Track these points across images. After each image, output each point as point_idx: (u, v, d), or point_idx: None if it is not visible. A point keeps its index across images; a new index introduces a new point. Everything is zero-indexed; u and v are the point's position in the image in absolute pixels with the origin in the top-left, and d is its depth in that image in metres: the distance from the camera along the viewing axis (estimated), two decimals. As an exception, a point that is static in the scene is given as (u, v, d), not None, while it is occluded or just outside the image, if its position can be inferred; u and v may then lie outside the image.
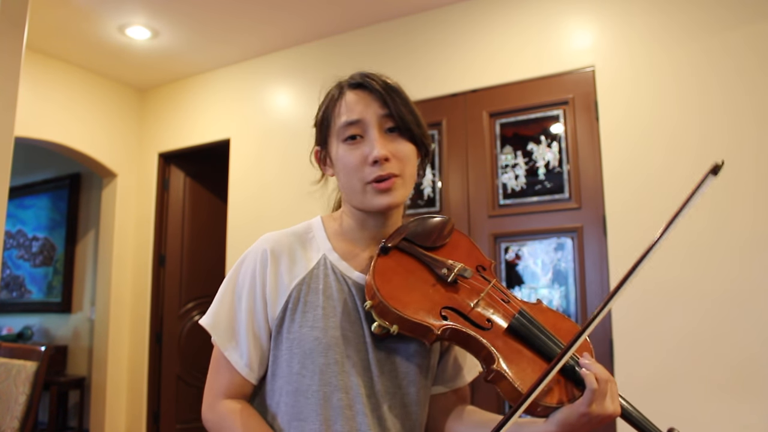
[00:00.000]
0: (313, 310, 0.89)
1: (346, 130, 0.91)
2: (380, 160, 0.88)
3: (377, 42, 3.35)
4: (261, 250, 0.93)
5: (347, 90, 0.93)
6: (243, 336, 0.91)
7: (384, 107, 0.90)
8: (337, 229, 0.98)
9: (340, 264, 0.94)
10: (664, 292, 2.41)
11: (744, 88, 2.39)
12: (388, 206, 0.90)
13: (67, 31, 3.48)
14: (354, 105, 0.91)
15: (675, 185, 2.46)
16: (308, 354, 0.88)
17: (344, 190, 0.94)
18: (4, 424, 1.88)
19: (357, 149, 0.90)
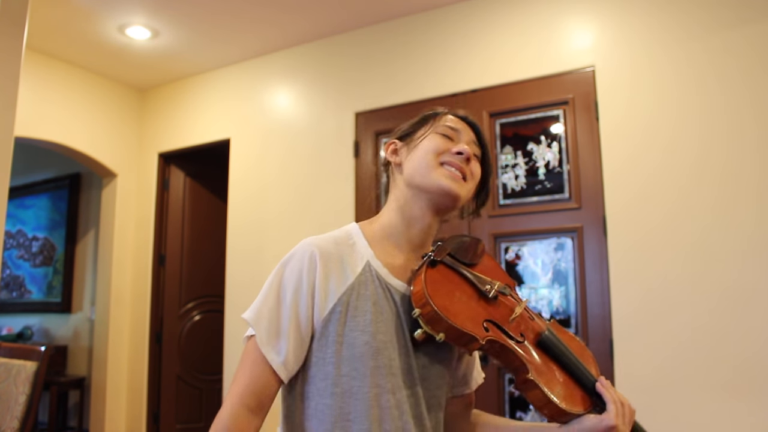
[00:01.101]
0: (362, 315, 0.92)
1: (448, 130, 1.02)
2: (466, 153, 0.98)
3: (377, 42, 3.35)
4: (309, 252, 0.94)
5: (449, 115, 1.06)
6: (284, 334, 0.91)
7: (477, 140, 1.04)
8: (376, 231, 1.02)
9: (381, 271, 0.97)
10: (665, 292, 2.41)
11: (745, 87, 2.39)
12: (450, 189, 0.97)
13: (67, 31, 3.48)
14: (456, 124, 1.04)
15: (675, 185, 2.46)
16: (359, 357, 0.90)
17: (411, 169, 1.00)
18: (4, 424, 1.87)
19: (446, 141, 1.01)
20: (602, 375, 1.01)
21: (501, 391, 2.72)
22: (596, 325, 2.56)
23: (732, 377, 2.26)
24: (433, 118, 1.05)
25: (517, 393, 2.69)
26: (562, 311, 2.67)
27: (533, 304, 2.73)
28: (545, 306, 2.70)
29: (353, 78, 3.38)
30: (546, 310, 2.69)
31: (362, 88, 3.32)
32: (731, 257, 2.32)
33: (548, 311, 2.69)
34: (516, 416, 2.67)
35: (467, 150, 0.98)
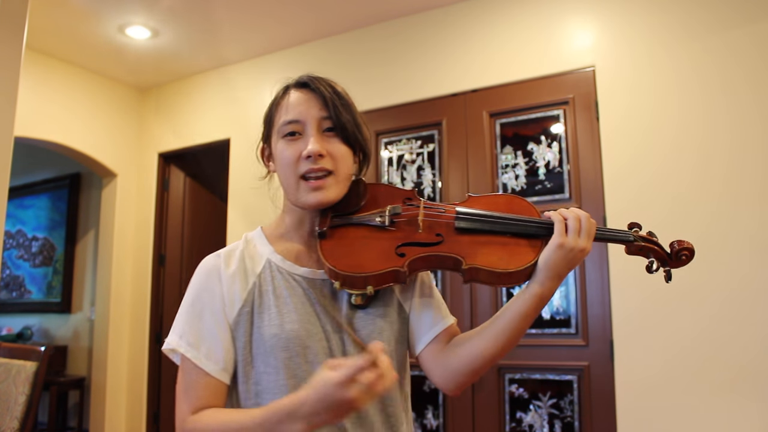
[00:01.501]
0: (267, 311, 0.93)
1: (286, 127, 0.96)
2: (313, 155, 0.93)
3: (377, 42, 3.35)
4: (207, 266, 0.97)
5: (292, 90, 1.00)
6: (210, 340, 0.92)
7: (324, 109, 0.96)
8: (276, 231, 1.03)
9: (284, 264, 0.98)
10: (665, 292, 2.41)
11: (747, 86, 2.39)
12: (319, 203, 0.95)
13: (67, 31, 3.48)
14: (296, 105, 0.97)
15: (676, 185, 2.46)
16: (270, 351, 0.91)
17: (283, 185, 1.00)
18: (4, 425, 1.87)
19: (294, 144, 0.96)
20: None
21: (501, 391, 2.72)
22: (596, 325, 2.56)
23: (732, 378, 2.26)
24: (275, 109, 1.00)
25: (517, 393, 2.69)
26: (562, 311, 2.67)
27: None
28: (545, 306, 2.69)
29: (353, 78, 3.37)
30: (546, 310, 2.69)
31: (362, 88, 3.32)
32: (733, 258, 2.32)
33: (548, 311, 2.69)
34: (516, 416, 2.67)
35: (314, 150, 0.93)
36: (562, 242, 0.91)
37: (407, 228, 0.97)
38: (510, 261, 0.93)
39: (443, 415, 2.84)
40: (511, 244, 0.95)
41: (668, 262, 1.03)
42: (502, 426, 2.69)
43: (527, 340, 2.70)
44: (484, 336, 0.96)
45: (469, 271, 0.92)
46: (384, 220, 0.97)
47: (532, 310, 0.93)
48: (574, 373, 2.59)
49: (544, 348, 2.67)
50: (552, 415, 2.61)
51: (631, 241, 1.00)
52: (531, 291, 0.93)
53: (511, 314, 0.94)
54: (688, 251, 1.02)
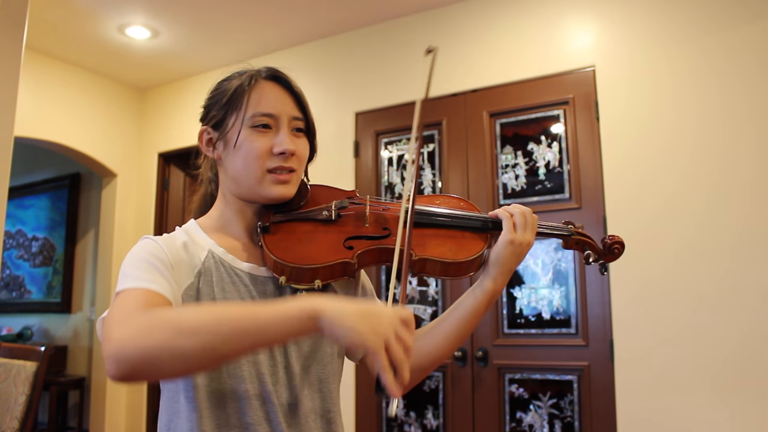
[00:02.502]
0: (209, 299, 0.87)
1: (260, 119, 0.92)
2: (287, 153, 0.92)
3: (377, 42, 3.35)
4: (149, 240, 0.88)
5: (262, 80, 0.95)
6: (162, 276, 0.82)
7: (296, 109, 0.96)
8: (213, 224, 0.97)
9: (226, 257, 0.92)
10: (665, 292, 2.41)
11: (740, 86, 2.39)
12: (280, 197, 0.93)
13: (67, 31, 3.48)
14: (272, 99, 0.94)
15: (676, 185, 2.46)
16: None
17: (235, 175, 0.94)
18: (4, 425, 1.87)
19: (265, 137, 0.92)
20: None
21: (501, 391, 2.72)
22: (596, 325, 2.56)
23: (732, 377, 2.26)
24: (242, 95, 0.93)
25: (517, 393, 2.69)
26: (562, 311, 2.67)
27: (533, 304, 2.72)
28: (545, 306, 2.70)
29: (353, 78, 3.38)
30: (546, 310, 2.69)
31: (362, 88, 3.32)
32: (733, 257, 2.32)
33: (548, 311, 2.69)
34: (516, 416, 2.67)
35: (290, 149, 0.91)
36: (512, 238, 0.95)
37: (354, 222, 0.97)
38: (459, 252, 0.95)
39: (443, 415, 2.84)
40: (458, 237, 0.98)
41: (602, 255, 1.07)
42: (502, 426, 2.69)
43: (527, 340, 2.70)
44: (434, 335, 0.97)
45: (419, 263, 0.93)
46: (330, 213, 0.96)
47: (483, 306, 0.95)
48: (574, 373, 2.59)
49: (544, 348, 2.67)
50: (552, 415, 2.61)
51: (567, 236, 1.05)
52: (483, 287, 0.95)
53: (463, 312, 0.95)
54: (620, 245, 1.06)
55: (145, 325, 0.66)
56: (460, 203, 1.05)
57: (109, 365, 0.65)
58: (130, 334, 0.65)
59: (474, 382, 2.77)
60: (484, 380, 2.75)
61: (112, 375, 0.65)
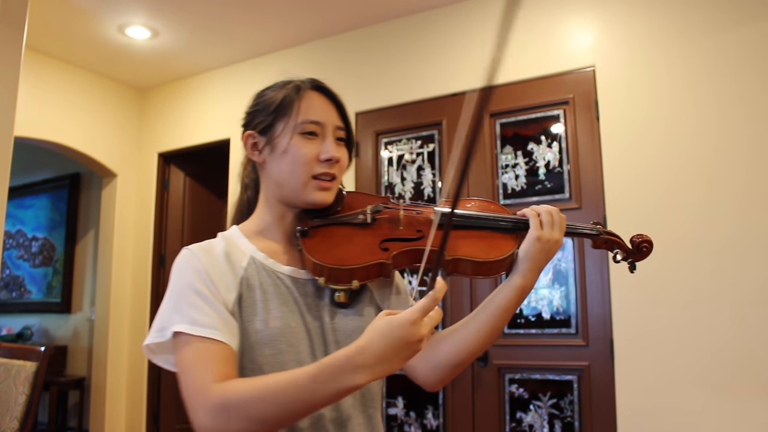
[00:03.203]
0: (252, 305, 0.91)
1: (309, 126, 0.97)
2: (334, 160, 0.97)
3: (377, 42, 3.35)
4: (189, 254, 0.92)
5: (309, 90, 1.00)
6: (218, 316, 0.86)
7: (341, 120, 1.00)
8: (254, 229, 1.02)
9: (267, 261, 0.97)
10: (665, 292, 2.41)
11: (736, 87, 2.39)
12: (323, 202, 0.97)
13: (67, 31, 3.48)
14: (320, 108, 0.99)
15: (676, 185, 2.46)
16: (254, 347, 0.89)
17: (280, 179, 0.98)
18: (4, 425, 1.87)
19: (312, 143, 0.97)
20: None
21: (501, 391, 2.72)
22: (596, 325, 2.56)
23: (733, 377, 2.26)
24: (291, 103, 0.98)
25: (517, 393, 2.69)
26: (562, 311, 2.67)
27: (533, 304, 2.72)
28: (545, 306, 2.70)
29: (353, 78, 3.38)
30: (546, 310, 2.69)
31: (362, 88, 3.32)
32: (733, 256, 2.32)
33: (548, 311, 2.69)
34: (516, 416, 2.67)
35: (337, 156, 0.96)
36: (539, 235, 0.97)
37: (388, 225, 1.00)
38: (490, 252, 0.98)
39: (443, 415, 2.84)
40: (488, 238, 1.00)
41: (630, 254, 1.10)
42: (502, 426, 2.69)
43: (527, 340, 2.70)
44: (466, 330, 0.98)
45: (452, 263, 0.96)
46: (366, 217, 0.99)
47: (513, 302, 0.97)
48: (574, 373, 2.59)
49: (544, 348, 2.67)
50: (552, 415, 2.61)
51: (596, 235, 1.08)
52: (513, 283, 0.97)
53: (494, 307, 0.97)
54: (648, 243, 1.10)
55: (222, 415, 0.76)
56: (491, 206, 1.08)
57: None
58: (211, 424, 0.77)
59: (474, 382, 2.77)
60: (484, 380, 2.75)
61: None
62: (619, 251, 1.09)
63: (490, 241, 1.00)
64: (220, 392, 0.78)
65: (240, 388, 0.78)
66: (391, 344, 0.72)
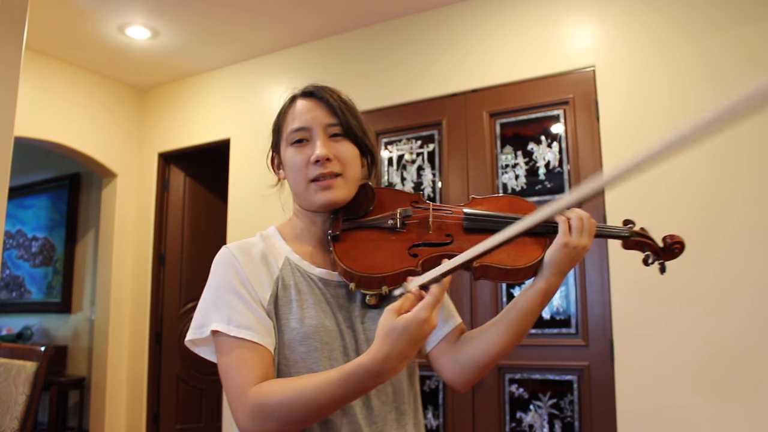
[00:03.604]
0: (288, 304, 0.95)
1: (294, 134, 1.00)
2: (321, 160, 0.96)
3: (377, 42, 3.35)
4: (228, 253, 0.97)
5: (298, 99, 1.03)
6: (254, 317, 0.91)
7: (331, 116, 1.00)
8: (290, 232, 1.06)
9: (301, 263, 1.00)
10: (665, 292, 2.41)
11: (737, 87, 2.39)
12: (328, 202, 0.98)
13: (67, 31, 3.48)
14: (303, 113, 1.00)
15: (676, 185, 2.46)
16: (288, 344, 0.92)
17: (293, 190, 1.03)
18: (4, 425, 1.87)
19: (303, 150, 0.99)
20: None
21: (501, 391, 2.72)
22: (596, 325, 2.56)
23: (733, 377, 2.26)
24: (282, 117, 1.04)
25: (517, 393, 2.69)
26: (562, 311, 2.67)
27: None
28: (549, 302, 2.69)
29: (353, 78, 3.38)
30: (546, 310, 2.69)
31: (362, 88, 3.32)
32: (733, 256, 2.32)
33: (548, 311, 2.69)
34: (516, 416, 2.67)
35: (321, 154, 0.96)
36: (567, 241, 0.96)
37: (418, 229, 1.00)
38: (518, 258, 0.96)
39: (443, 415, 2.84)
40: (517, 242, 0.98)
41: (662, 255, 1.08)
42: (502, 426, 2.69)
43: (527, 340, 2.70)
44: (493, 332, 1.00)
45: (480, 269, 0.96)
46: (395, 222, 0.99)
47: (537, 305, 0.97)
48: (574, 373, 2.59)
49: (544, 348, 2.67)
50: (552, 415, 2.61)
51: (627, 237, 1.06)
52: (537, 287, 0.97)
53: (519, 310, 0.98)
54: (680, 244, 1.08)
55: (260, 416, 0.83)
56: (517, 202, 1.06)
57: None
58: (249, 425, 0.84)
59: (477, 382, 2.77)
60: (484, 380, 2.75)
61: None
62: (651, 253, 1.07)
63: (520, 246, 0.98)
64: (257, 396, 0.84)
65: (273, 391, 0.84)
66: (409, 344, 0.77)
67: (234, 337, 0.89)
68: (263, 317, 0.92)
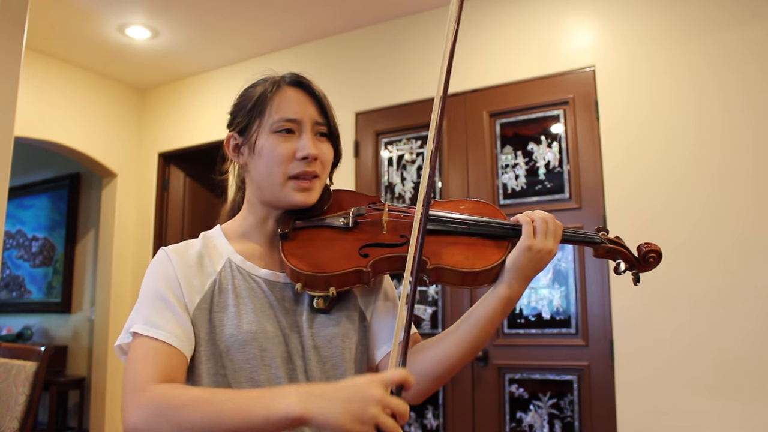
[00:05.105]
0: (224, 310, 0.89)
1: (283, 124, 0.93)
2: (311, 158, 0.92)
3: (377, 42, 3.35)
4: (163, 255, 0.92)
5: (285, 86, 0.96)
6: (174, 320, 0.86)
7: (320, 115, 0.96)
8: (236, 231, 0.99)
9: (245, 265, 0.94)
10: (665, 291, 2.41)
11: (740, 85, 2.39)
12: (302, 204, 0.94)
13: (67, 31, 3.48)
14: (294, 103, 0.94)
15: (676, 185, 2.46)
16: (225, 352, 0.87)
17: (258, 180, 0.95)
18: (4, 425, 1.87)
19: (288, 142, 0.93)
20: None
21: (501, 391, 2.72)
22: (596, 325, 2.56)
23: (733, 377, 2.26)
24: (265, 101, 0.95)
25: (517, 393, 2.69)
26: (562, 311, 2.66)
27: (533, 304, 2.72)
28: (545, 306, 2.69)
29: (353, 78, 3.38)
30: (546, 310, 2.69)
31: (362, 88, 3.32)
32: (732, 257, 2.32)
33: (548, 311, 2.69)
34: (516, 416, 2.67)
35: (313, 154, 0.92)
36: (531, 244, 0.91)
37: (371, 229, 0.96)
38: (476, 261, 0.92)
39: (443, 415, 2.84)
40: (477, 245, 0.94)
41: (636, 264, 1.00)
42: (502, 426, 2.69)
43: (527, 340, 2.70)
44: (448, 341, 0.94)
45: (435, 272, 0.91)
46: (347, 221, 0.96)
47: (499, 313, 0.91)
48: (574, 373, 2.59)
49: (544, 348, 2.67)
50: (552, 415, 2.61)
51: (597, 244, 0.99)
52: (498, 294, 0.92)
53: (477, 318, 0.92)
54: (656, 254, 0.99)
55: (153, 415, 0.74)
56: (486, 208, 1.01)
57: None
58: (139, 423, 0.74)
59: (474, 382, 2.77)
60: (484, 380, 2.75)
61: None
62: (623, 261, 1.00)
63: (478, 248, 0.93)
64: (156, 393, 0.76)
65: (176, 394, 0.75)
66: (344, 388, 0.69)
67: (148, 337, 0.83)
68: (187, 324, 0.86)
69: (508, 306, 0.92)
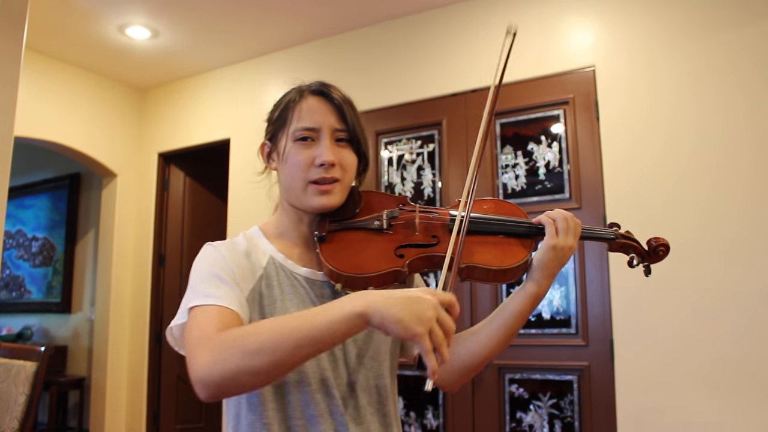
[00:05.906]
0: (272, 303, 0.94)
1: (301, 132, 0.98)
2: (327, 165, 0.96)
3: (377, 42, 3.35)
4: (212, 249, 0.96)
5: (308, 95, 1.01)
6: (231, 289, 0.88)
7: (340, 122, 1.00)
8: (274, 231, 1.04)
9: (286, 263, 0.99)
10: (665, 291, 2.41)
11: (738, 86, 2.39)
12: (323, 207, 0.98)
13: (67, 31, 3.48)
14: (313, 112, 0.99)
15: (676, 185, 2.46)
16: None
17: (285, 185, 1.01)
18: (4, 425, 1.87)
19: (307, 149, 0.97)
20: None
21: (501, 391, 2.72)
22: (596, 325, 2.56)
23: (733, 377, 2.26)
24: (288, 110, 1.00)
25: (517, 393, 2.69)
26: (562, 311, 2.67)
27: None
28: (545, 306, 2.70)
29: (353, 78, 3.38)
30: (546, 310, 2.69)
31: (362, 88, 3.32)
32: (732, 256, 2.32)
33: (548, 311, 2.69)
34: (516, 416, 2.67)
35: (329, 159, 0.96)
36: (555, 243, 0.97)
37: (404, 230, 1.00)
38: (504, 259, 0.97)
39: (443, 415, 2.84)
40: (503, 244, 1.00)
41: (646, 257, 1.10)
42: (502, 426, 2.69)
43: (527, 340, 2.70)
44: (481, 335, 1.01)
45: (466, 270, 0.96)
46: (382, 223, 1.00)
47: (527, 308, 0.98)
48: (574, 373, 2.59)
49: (544, 348, 2.67)
50: (552, 415, 2.61)
51: (612, 239, 1.08)
52: (527, 290, 0.98)
53: (508, 314, 0.99)
54: (665, 247, 1.09)
55: (220, 351, 0.75)
56: (506, 206, 1.07)
57: (199, 390, 0.75)
58: (210, 361, 0.74)
59: (474, 382, 2.77)
60: (484, 380, 2.75)
61: (202, 398, 0.76)
62: (635, 255, 1.09)
63: (505, 247, 0.99)
64: (222, 334, 0.77)
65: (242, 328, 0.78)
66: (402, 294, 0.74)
67: (209, 305, 0.84)
68: (242, 299, 0.89)
69: (536, 301, 0.98)
